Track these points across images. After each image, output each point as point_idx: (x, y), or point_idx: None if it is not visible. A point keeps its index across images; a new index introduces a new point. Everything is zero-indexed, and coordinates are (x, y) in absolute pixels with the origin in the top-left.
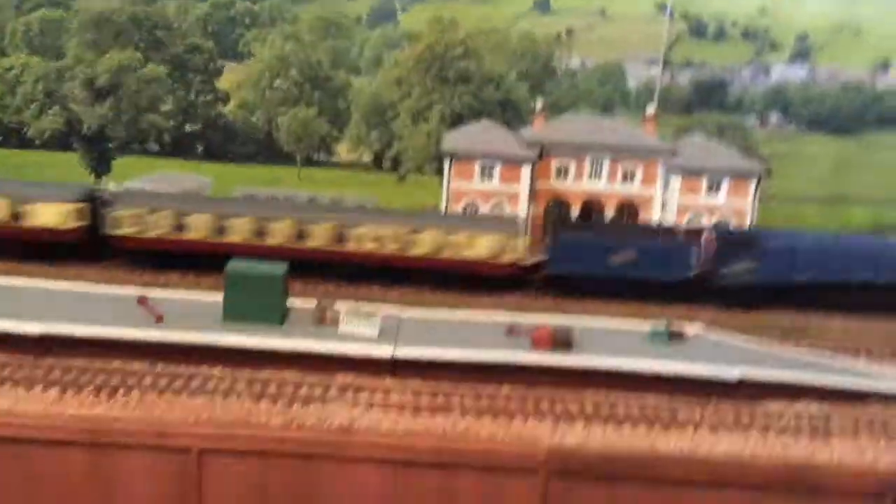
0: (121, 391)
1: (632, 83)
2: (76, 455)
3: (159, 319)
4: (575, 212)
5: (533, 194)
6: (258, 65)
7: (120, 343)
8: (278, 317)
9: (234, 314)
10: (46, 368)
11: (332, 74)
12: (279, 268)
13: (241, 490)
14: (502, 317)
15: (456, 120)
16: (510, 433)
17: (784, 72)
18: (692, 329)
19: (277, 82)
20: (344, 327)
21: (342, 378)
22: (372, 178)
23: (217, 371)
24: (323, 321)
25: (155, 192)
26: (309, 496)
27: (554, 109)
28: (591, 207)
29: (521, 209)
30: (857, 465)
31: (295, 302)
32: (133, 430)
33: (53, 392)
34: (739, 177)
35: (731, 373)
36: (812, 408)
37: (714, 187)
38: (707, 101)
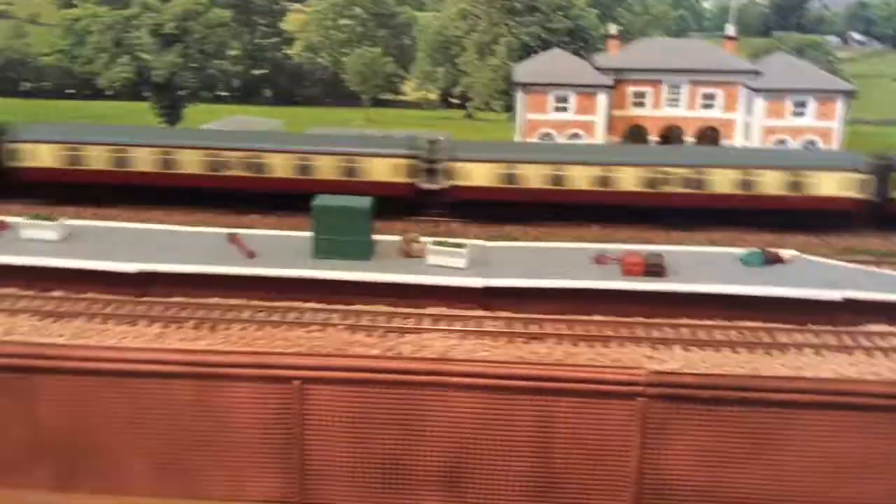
0: (221, 325)
1: (706, 4)
2: (182, 388)
3: (251, 256)
4: (653, 139)
5: (610, 122)
6: (322, 4)
7: (215, 279)
8: (366, 250)
9: (322, 249)
10: (147, 305)
11: (396, 10)
12: (365, 201)
13: (342, 418)
14: (587, 245)
15: (524, 52)
16: (608, 359)
17: None
18: (787, 253)
19: (342, 21)
20: (432, 258)
21: (434, 309)
22: (440, 115)
23: (311, 305)
24: (409, 254)
25: None
26: (407, 423)
27: (626, 35)
28: (671, 133)
29: (598, 138)
30: None
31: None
32: (236, 362)
33: (156, 328)
34: (826, 97)
35: (833, 295)
36: None
37: (799, 108)
38: (785, 20)
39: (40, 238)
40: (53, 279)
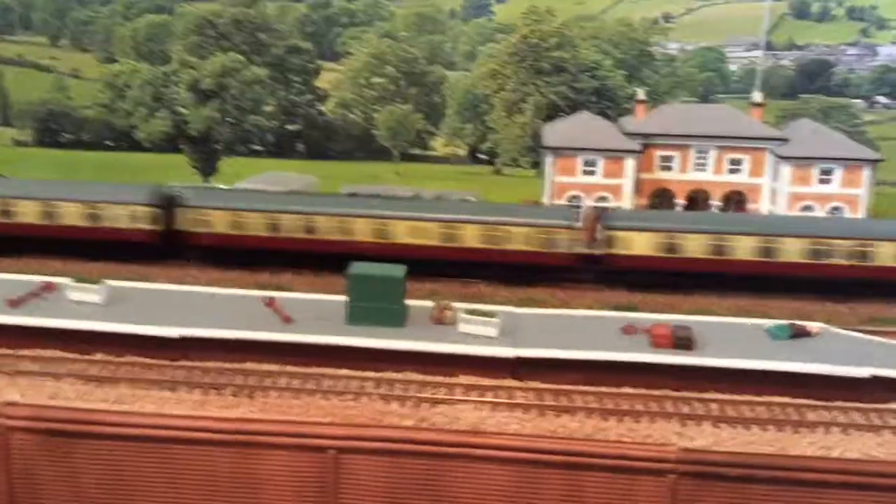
0: (258, 392)
1: (732, 67)
2: (220, 455)
3: (287, 321)
4: (680, 202)
5: (637, 186)
6: (355, 63)
7: (252, 344)
8: (400, 318)
9: (357, 315)
10: (187, 371)
11: (427, 69)
12: (399, 269)
13: (375, 488)
14: (616, 314)
15: (551, 110)
16: (638, 435)
17: (893, 51)
18: (814, 326)
19: (374, 79)
20: (463, 327)
21: (465, 378)
22: (468, 171)
23: (344, 372)
24: (441, 321)
25: None
26: (438, 495)
27: (652, 95)
28: (697, 198)
29: (626, 202)
30: None
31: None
32: (274, 431)
33: (196, 394)
34: (853, 165)
35: (861, 372)
36: None
37: (826, 175)
38: (811, 83)
39: (85, 300)
40: (96, 342)
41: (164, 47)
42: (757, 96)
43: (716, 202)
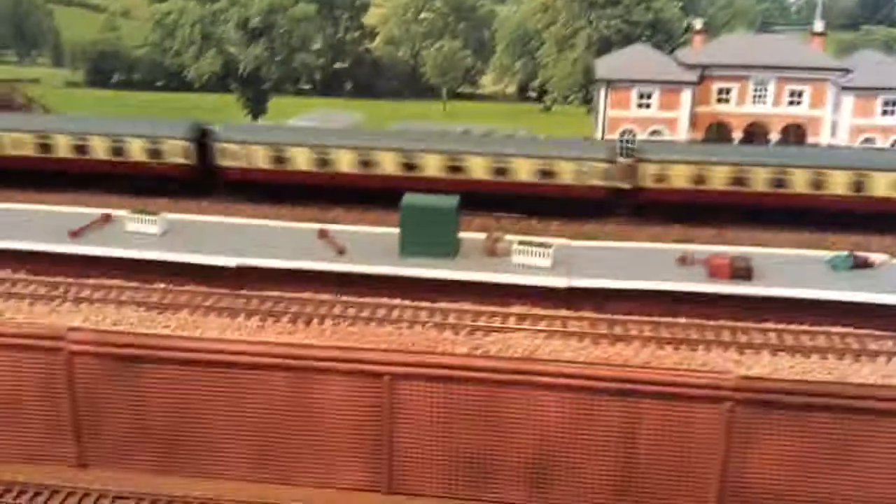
0: (315, 320)
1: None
2: (279, 380)
3: (341, 252)
4: (737, 135)
5: (693, 119)
6: None
7: (308, 274)
8: (452, 249)
9: (410, 247)
10: (246, 299)
11: (476, 4)
12: (452, 201)
13: (429, 414)
14: (671, 245)
15: (603, 45)
16: (694, 363)
17: None
18: (876, 257)
19: (422, 14)
20: (517, 258)
21: (518, 308)
22: (518, 108)
23: (398, 301)
24: (494, 252)
25: None
26: (493, 422)
27: (709, 28)
28: (755, 131)
29: (681, 135)
30: None
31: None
32: (330, 357)
33: (254, 321)
34: None
35: None
36: None
37: (890, 107)
38: (874, 13)
39: (142, 231)
40: (156, 272)
41: None
42: (818, 25)
43: (775, 135)
